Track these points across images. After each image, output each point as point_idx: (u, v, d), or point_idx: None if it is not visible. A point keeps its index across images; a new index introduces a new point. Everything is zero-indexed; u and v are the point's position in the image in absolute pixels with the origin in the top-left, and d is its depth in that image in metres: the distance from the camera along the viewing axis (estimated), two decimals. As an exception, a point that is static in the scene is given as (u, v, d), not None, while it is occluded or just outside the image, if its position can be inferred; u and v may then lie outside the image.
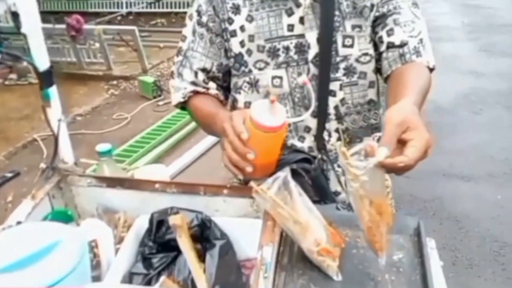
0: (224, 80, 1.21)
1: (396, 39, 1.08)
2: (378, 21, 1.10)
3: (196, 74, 1.18)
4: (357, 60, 1.10)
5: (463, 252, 2.71)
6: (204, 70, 1.18)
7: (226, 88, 1.23)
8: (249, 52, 1.12)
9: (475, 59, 6.07)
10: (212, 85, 1.19)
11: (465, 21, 7.94)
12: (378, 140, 0.81)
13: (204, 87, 1.19)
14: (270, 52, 1.10)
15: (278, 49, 1.09)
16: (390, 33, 1.09)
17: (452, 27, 7.46)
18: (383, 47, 1.10)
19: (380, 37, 1.10)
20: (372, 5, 1.08)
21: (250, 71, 1.13)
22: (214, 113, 1.08)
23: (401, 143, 0.77)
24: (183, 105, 1.23)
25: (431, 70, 1.09)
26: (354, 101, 1.13)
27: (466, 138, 4.03)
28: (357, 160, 0.76)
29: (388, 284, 0.84)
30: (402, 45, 1.07)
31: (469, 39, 6.95)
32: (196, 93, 1.19)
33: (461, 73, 5.49)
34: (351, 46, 1.09)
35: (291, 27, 1.08)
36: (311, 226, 0.87)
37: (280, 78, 1.11)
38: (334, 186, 1.17)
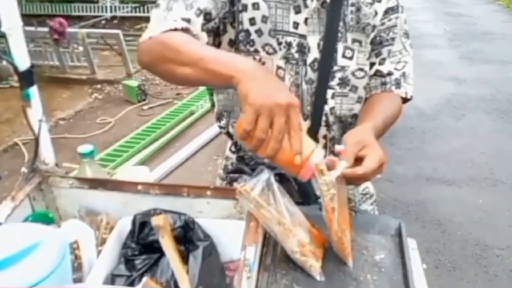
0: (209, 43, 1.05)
1: (384, 69, 1.15)
2: (375, 47, 1.13)
3: (198, 13, 0.96)
4: (353, 74, 1.10)
5: (446, 255, 2.74)
6: (207, 14, 0.99)
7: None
8: (259, 32, 1.06)
9: (457, 65, 6.19)
10: (204, 36, 0.99)
11: (447, 28, 8.09)
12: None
13: (196, 32, 0.96)
14: (277, 42, 1.07)
15: (281, 43, 1.07)
16: (381, 62, 1.15)
17: (434, 34, 7.59)
18: (371, 72, 1.15)
19: (373, 63, 1.14)
20: (374, 26, 1.10)
21: (256, 51, 1.07)
22: (223, 53, 0.90)
23: (359, 160, 0.87)
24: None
25: (408, 99, 1.18)
26: (342, 112, 1.14)
27: (448, 143, 4.10)
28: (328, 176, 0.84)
29: (370, 284, 0.85)
30: (387, 75, 1.14)
31: (451, 46, 7.09)
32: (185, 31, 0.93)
33: (443, 79, 5.59)
34: (351, 58, 1.09)
35: (296, 25, 1.06)
36: (294, 227, 0.87)
37: (284, 70, 1.08)
38: (315, 189, 1.18)
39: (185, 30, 0.92)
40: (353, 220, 0.99)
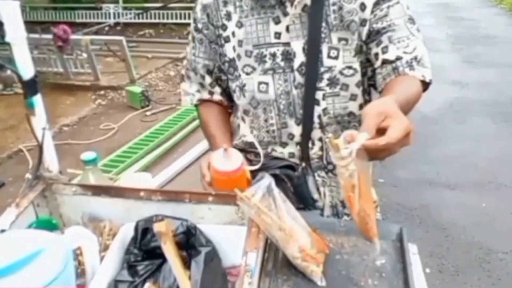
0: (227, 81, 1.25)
1: (390, 56, 1.08)
2: (373, 38, 1.09)
3: (203, 77, 1.25)
4: (340, 72, 1.11)
5: (450, 260, 2.73)
6: (208, 71, 1.24)
7: (229, 92, 1.27)
8: (239, 57, 1.14)
9: (459, 69, 6.18)
10: (217, 89, 1.27)
11: (449, 32, 8.09)
12: None
13: (209, 92, 1.27)
14: (257, 58, 1.12)
15: (265, 55, 1.11)
16: (384, 50, 1.09)
17: (436, 39, 7.59)
18: (378, 63, 1.11)
19: (376, 54, 1.10)
20: (364, 20, 1.08)
21: (239, 75, 1.15)
22: (211, 135, 1.26)
23: (382, 132, 0.78)
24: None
25: (427, 84, 1.10)
26: (335, 112, 1.14)
27: (451, 147, 4.09)
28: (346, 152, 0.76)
29: (371, 288, 0.86)
30: (396, 60, 1.08)
31: (453, 50, 7.08)
32: (202, 101, 1.30)
33: (446, 83, 5.58)
34: (336, 58, 1.10)
35: (278, 35, 1.10)
36: (295, 232, 0.88)
37: (266, 84, 1.13)
38: (312, 193, 1.19)
39: (202, 100, 1.30)
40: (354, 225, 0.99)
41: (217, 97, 1.28)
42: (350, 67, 1.11)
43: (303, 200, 1.14)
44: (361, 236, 0.85)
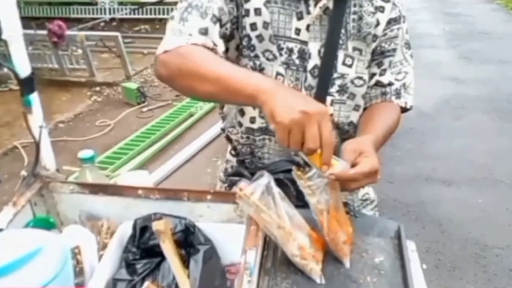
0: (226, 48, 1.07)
1: (385, 79, 1.16)
2: (376, 57, 1.13)
3: (214, 21, 0.98)
4: (351, 81, 1.11)
5: (446, 255, 2.75)
6: (219, 21, 1.00)
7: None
8: (260, 38, 1.06)
9: (456, 65, 6.20)
10: (221, 44, 1.00)
11: (446, 28, 8.11)
12: None
13: (214, 44, 0.97)
14: (278, 48, 1.08)
15: (282, 48, 1.08)
16: (382, 73, 1.15)
17: (433, 34, 7.61)
18: (371, 83, 1.16)
19: (374, 74, 1.15)
20: (375, 36, 1.09)
21: (256, 56, 1.08)
22: (243, 71, 0.92)
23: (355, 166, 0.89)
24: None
25: (407, 109, 1.19)
26: (339, 120, 1.14)
27: (448, 143, 4.11)
28: (313, 180, 0.87)
29: (370, 286, 0.86)
30: (387, 85, 1.15)
31: (450, 46, 7.10)
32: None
33: (442, 79, 5.60)
34: (350, 66, 1.10)
35: (298, 31, 1.07)
36: (294, 230, 0.88)
37: (283, 76, 1.09)
38: None
39: (203, 46, 0.94)
40: (352, 222, 0.99)
41: (221, 50, 0.99)
42: (360, 78, 1.12)
43: (304, 204, 1.13)
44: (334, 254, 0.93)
